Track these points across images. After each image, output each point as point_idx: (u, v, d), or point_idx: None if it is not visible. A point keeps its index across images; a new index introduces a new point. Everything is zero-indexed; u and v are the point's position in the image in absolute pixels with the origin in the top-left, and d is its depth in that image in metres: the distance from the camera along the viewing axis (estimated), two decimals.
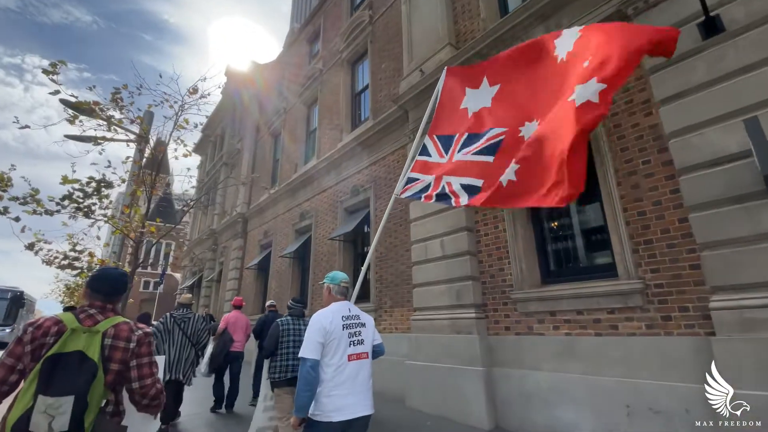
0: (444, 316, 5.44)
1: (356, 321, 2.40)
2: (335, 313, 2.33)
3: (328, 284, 2.55)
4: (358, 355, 2.29)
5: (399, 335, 6.50)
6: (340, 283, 2.53)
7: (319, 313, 2.34)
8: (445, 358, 5.21)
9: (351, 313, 2.41)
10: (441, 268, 5.67)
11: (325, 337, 2.21)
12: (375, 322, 7.19)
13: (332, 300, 2.51)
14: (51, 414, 1.40)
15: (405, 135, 7.26)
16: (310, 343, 2.18)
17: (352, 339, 2.30)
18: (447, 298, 5.48)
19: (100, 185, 5.53)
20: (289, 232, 11.08)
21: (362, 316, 2.47)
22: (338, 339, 2.24)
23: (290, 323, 3.86)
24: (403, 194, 3.43)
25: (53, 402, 1.41)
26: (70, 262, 5.13)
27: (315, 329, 2.22)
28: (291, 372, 3.64)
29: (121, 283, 1.78)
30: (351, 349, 2.27)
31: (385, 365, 6.38)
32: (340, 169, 9.29)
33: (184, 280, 20.01)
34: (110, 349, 1.59)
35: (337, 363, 2.20)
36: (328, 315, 2.30)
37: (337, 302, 2.46)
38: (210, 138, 20.83)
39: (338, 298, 2.50)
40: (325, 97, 10.95)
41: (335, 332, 2.24)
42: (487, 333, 5.08)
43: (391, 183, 7.64)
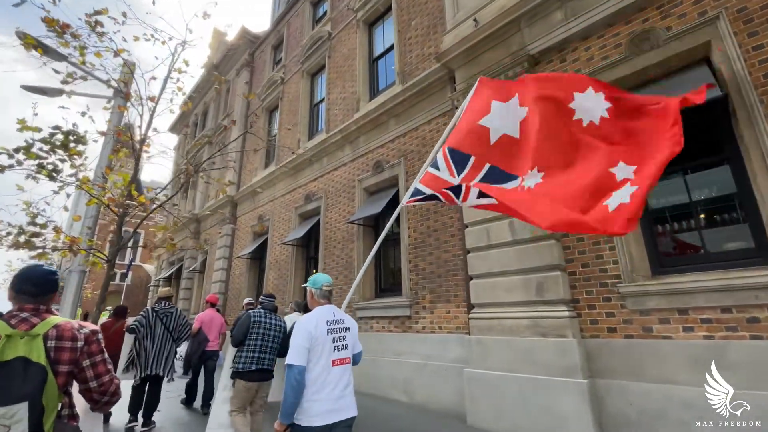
0: (520, 315, 4.38)
1: (341, 326, 2.37)
2: (320, 318, 2.31)
3: (311, 288, 2.51)
4: (341, 360, 2.29)
5: (445, 336, 5.41)
6: (321, 287, 2.48)
7: (303, 318, 2.32)
8: (525, 366, 4.16)
9: (336, 318, 2.37)
10: (511, 256, 4.60)
11: (311, 342, 2.19)
12: (409, 321, 6.10)
13: (315, 304, 2.46)
14: (5, 424, 1.37)
15: (449, 99, 6.13)
16: (296, 349, 2.17)
17: (336, 344, 2.30)
18: (522, 293, 4.42)
19: (69, 138, 4.11)
20: (291, 217, 9.75)
21: (347, 321, 2.45)
22: (323, 344, 2.23)
23: (262, 316, 3.81)
24: (410, 204, 3.29)
25: (5, 411, 1.37)
26: (27, 239, 3.71)
27: (301, 335, 2.21)
28: (255, 364, 3.60)
29: (49, 282, 1.69)
30: (335, 354, 2.27)
31: (428, 372, 5.30)
32: (357, 144, 8.05)
33: (159, 271, 18.13)
34: (56, 351, 1.54)
35: (321, 368, 2.19)
36: (313, 320, 2.28)
37: (321, 306, 2.43)
38: (190, 116, 18.92)
39: (321, 302, 2.46)
40: (335, 64, 9.62)
41: (320, 337, 2.23)
42: (580, 336, 4.07)
43: (424, 159, 6.50)
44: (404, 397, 5.62)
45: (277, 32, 13.24)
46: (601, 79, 4.30)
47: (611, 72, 4.33)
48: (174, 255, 16.23)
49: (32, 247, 3.66)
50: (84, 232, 4.10)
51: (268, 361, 3.76)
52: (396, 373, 5.85)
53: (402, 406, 5.50)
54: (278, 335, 3.88)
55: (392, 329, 6.29)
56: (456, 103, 5.81)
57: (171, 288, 14.09)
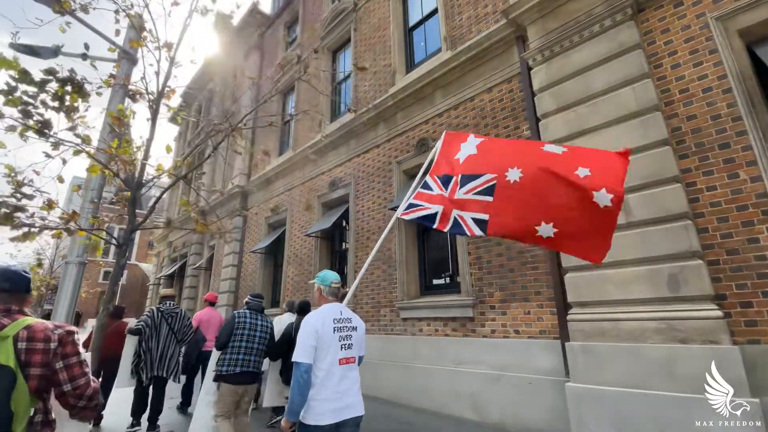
0: (644, 315, 3.45)
1: (348, 324, 2.33)
2: (326, 315, 2.27)
3: (319, 285, 2.47)
4: (347, 359, 2.26)
5: (526, 342, 4.47)
6: (330, 284, 2.45)
7: (309, 315, 2.28)
8: (660, 381, 3.23)
9: (342, 316, 2.33)
10: (626, 242, 3.67)
11: (317, 340, 2.16)
12: (472, 323, 5.14)
13: (323, 301, 2.43)
14: None
15: (517, 62, 5.21)
16: (303, 346, 2.13)
17: (343, 342, 2.26)
18: (647, 287, 3.49)
19: (64, 89, 3.13)
20: (313, 206, 8.76)
21: (354, 320, 2.40)
22: (329, 342, 2.20)
23: (247, 317, 3.67)
24: (405, 216, 3.27)
25: None
26: (9, 213, 2.71)
27: (308, 332, 2.17)
28: (240, 366, 3.46)
29: (23, 279, 1.62)
30: (342, 353, 2.23)
31: (505, 385, 4.39)
32: (393, 121, 7.09)
33: (160, 268, 17.04)
34: (27, 353, 1.46)
35: (328, 366, 2.16)
36: (319, 318, 2.24)
37: (329, 304, 2.40)
38: (192, 104, 17.84)
39: (329, 300, 2.43)
40: (363, 37, 8.65)
41: (326, 335, 2.20)
42: (731, 341, 3.14)
43: (482, 134, 5.56)
44: (472, 414, 4.67)
45: (291, 9, 12.24)
46: (733, 24, 3.61)
47: (745, 16, 3.46)
48: (176, 251, 15.17)
49: (14, 223, 2.67)
50: (85, 207, 3.12)
51: (253, 363, 3.58)
52: (459, 386, 4.90)
53: (469, 424, 4.56)
54: (264, 336, 3.71)
55: (449, 333, 5.33)
56: (531, 63, 4.87)
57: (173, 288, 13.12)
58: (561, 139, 4.32)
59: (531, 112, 4.93)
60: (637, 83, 3.97)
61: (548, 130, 4.50)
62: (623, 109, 3.99)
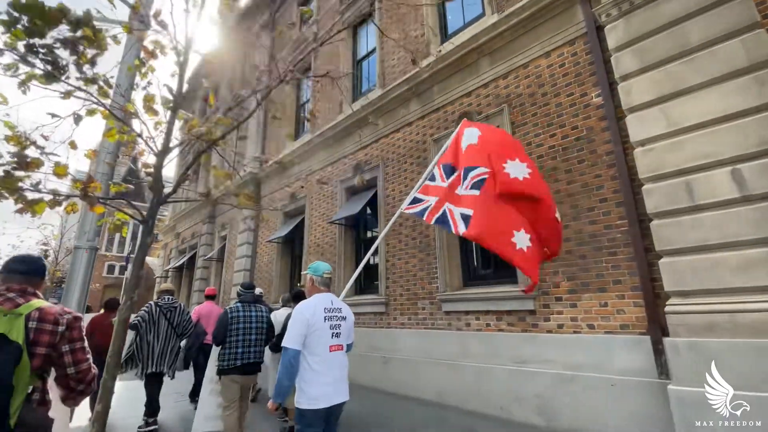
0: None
1: (337, 314, 2.43)
2: (317, 305, 2.36)
3: (311, 275, 2.53)
4: (337, 346, 2.37)
5: (605, 338, 3.90)
6: (323, 275, 2.52)
7: (302, 304, 2.39)
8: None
9: (333, 306, 2.44)
10: (742, 219, 3.08)
11: (308, 329, 2.25)
12: (532, 317, 4.48)
13: (315, 291, 2.50)
14: None
15: (582, 20, 4.58)
16: (293, 333, 2.24)
17: (333, 331, 2.36)
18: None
19: (78, 27, 2.55)
20: (335, 192, 8.18)
21: (344, 310, 2.50)
22: (320, 330, 2.29)
23: (240, 310, 3.69)
24: (408, 211, 3.38)
25: None
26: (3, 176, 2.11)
27: (298, 320, 2.27)
28: (240, 360, 3.55)
29: (39, 264, 1.73)
30: (332, 341, 2.34)
31: (580, 387, 3.83)
32: (429, 96, 6.47)
33: (167, 261, 16.51)
34: (35, 333, 1.51)
35: (321, 354, 2.27)
36: (311, 307, 2.33)
37: (320, 293, 2.47)
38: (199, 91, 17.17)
39: (321, 290, 2.50)
40: (389, 7, 7.98)
41: (317, 324, 2.29)
42: None
43: (539, 104, 4.96)
44: (538, 419, 4.13)
45: None
46: None
47: None
48: (184, 243, 14.63)
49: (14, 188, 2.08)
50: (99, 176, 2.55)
51: (253, 354, 3.65)
52: (520, 387, 4.35)
53: (535, 431, 4.02)
54: (261, 326, 3.75)
55: (504, 328, 4.77)
56: (603, 20, 4.24)
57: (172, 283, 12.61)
58: (648, 103, 3.72)
59: (602, 76, 4.32)
60: (746, 34, 3.36)
61: (631, 94, 3.89)
62: (729, 65, 3.38)
